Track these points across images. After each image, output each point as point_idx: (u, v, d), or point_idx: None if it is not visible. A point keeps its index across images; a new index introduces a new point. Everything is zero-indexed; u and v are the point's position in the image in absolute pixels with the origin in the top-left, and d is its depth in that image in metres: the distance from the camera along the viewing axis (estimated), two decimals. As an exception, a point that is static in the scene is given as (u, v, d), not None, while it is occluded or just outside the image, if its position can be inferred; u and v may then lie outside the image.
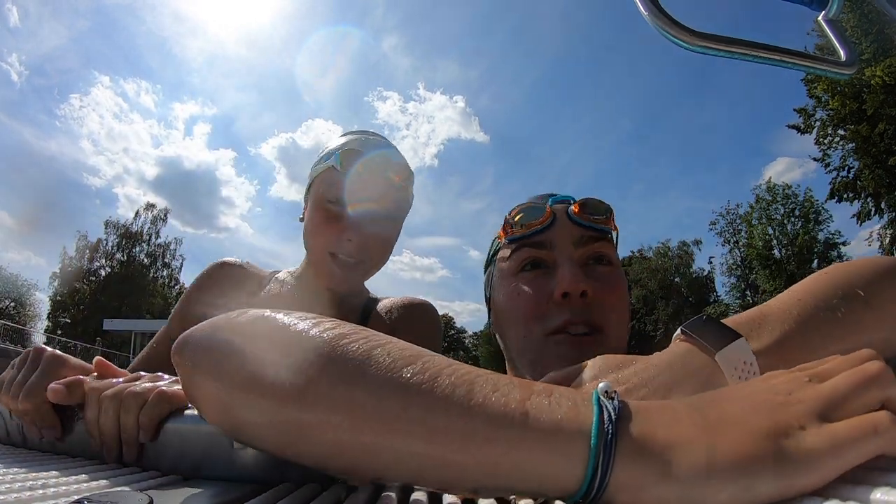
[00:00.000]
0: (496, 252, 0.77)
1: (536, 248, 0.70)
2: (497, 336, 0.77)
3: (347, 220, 0.95)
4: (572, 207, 0.71)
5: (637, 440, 0.28)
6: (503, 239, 0.74)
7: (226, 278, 1.09)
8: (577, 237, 0.69)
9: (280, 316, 0.39)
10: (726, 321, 0.44)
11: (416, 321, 1.08)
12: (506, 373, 0.67)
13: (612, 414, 0.29)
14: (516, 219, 0.72)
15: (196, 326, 0.42)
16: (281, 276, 1.11)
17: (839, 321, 0.44)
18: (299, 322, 0.37)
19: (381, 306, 1.09)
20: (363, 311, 1.07)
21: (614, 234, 0.73)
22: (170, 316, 1.10)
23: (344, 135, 1.06)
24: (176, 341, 0.41)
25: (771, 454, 0.27)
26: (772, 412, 0.30)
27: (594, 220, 0.70)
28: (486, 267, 0.82)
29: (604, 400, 0.30)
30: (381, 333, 0.37)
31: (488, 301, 0.81)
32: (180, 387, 0.49)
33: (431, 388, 0.31)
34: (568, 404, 0.30)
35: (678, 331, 0.45)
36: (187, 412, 0.49)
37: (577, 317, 0.64)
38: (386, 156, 1.00)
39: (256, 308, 0.41)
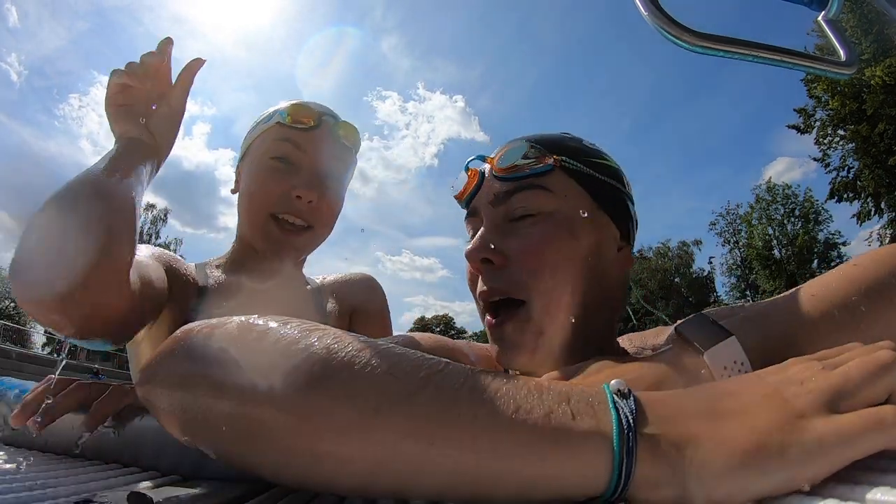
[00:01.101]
0: None
1: (473, 217, 0.62)
2: None
3: (296, 177, 0.87)
4: (491, 163, 0.61)
5: (653, 440, 0.29)
6: None
7: (162, 257, 0.91)
8: (495, 195, 0.59)
9: (273, 324, 0.36)
10: (729, 319, 0.44)
11: (373, 301, 1.07)
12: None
13: (630, 417, 0.29)
14: (452, 188, 0.65)
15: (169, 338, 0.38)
16: (214, 272, 0.93)
17: (854, 321, 0.42)
18: (301, 334, 0.34)
19: (330, 288, 1.03)
20: (315, 297, 1.00)
21: (554, 168, 0.58)
22: None
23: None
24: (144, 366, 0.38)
25: (779, 445, 0.28)
26: (781, 403, 0.30)
27: (513, 168, 0.59)
28: None
29: (619, 402, 0.30)
30: (378, 344, 0.34)
31: None
32: None
33: (454, 411, 0.30)
34: (589, 413, 0.30)
35: (672, 329, 0.45)
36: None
37: (487, 285, 0.57)
38: (335, 116, 0.95)
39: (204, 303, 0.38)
